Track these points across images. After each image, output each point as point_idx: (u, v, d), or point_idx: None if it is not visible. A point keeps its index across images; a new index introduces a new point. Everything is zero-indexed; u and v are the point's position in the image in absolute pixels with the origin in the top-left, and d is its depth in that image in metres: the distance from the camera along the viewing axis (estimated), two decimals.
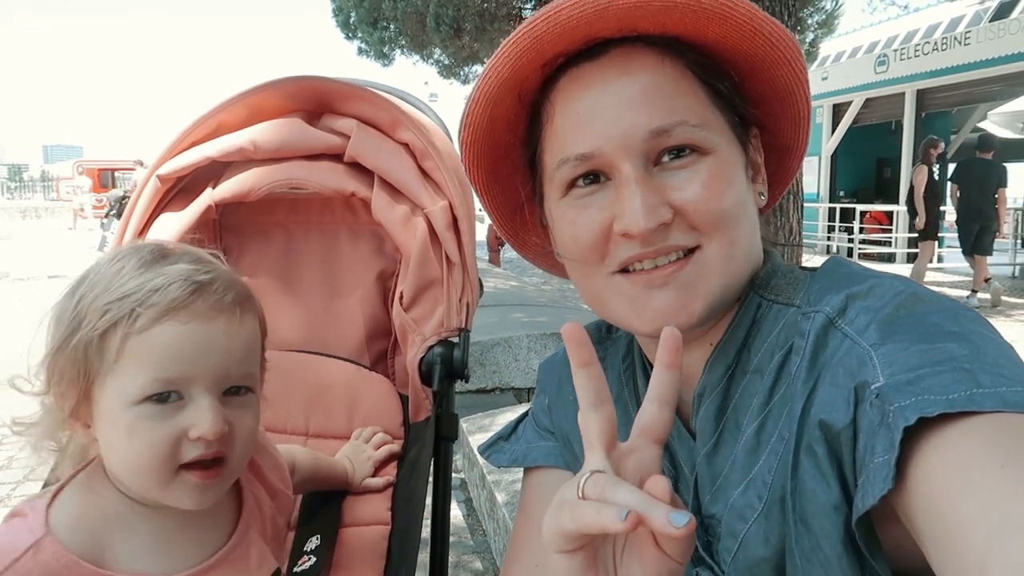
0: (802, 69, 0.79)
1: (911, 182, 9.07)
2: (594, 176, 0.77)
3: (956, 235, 9.37)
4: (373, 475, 1.30)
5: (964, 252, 9.28)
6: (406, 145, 1.39)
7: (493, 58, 0.76)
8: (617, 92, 0.74)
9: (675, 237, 0.74)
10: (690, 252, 0.75)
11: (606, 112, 0.74)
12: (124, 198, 24.19)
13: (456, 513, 3.50)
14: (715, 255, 0.75)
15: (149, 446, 0.81)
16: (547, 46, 0.74)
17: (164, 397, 0.82)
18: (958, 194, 9.04)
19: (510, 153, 0.89)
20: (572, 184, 0.78)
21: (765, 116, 0.84)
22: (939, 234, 9.64)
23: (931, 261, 9.68)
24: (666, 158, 0.74)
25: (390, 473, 1.31)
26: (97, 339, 0.81)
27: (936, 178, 9.09)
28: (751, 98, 0.82)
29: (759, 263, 0.83)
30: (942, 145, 9.44)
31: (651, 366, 0.90)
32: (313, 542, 1.21)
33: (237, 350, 0.88)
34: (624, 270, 0.78)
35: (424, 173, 1.38)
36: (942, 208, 9.44)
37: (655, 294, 0.76)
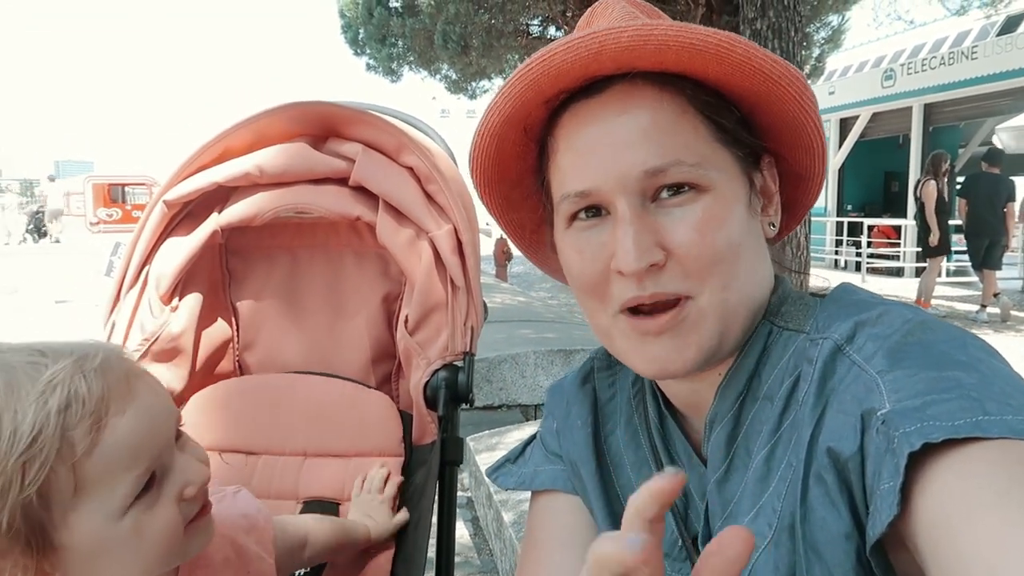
0: (809, 102, 0.78)
1: (919, 197, 9.01)
2: (596, 209, 0.78)
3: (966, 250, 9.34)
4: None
5: (973, 266, 9.24)
6: (411, 169, 1.39)
7: (495, 97, 0.78)
8: (615, 131, 0.75)
9: (667, 283, 0.75)
10: (683, 300, 0.76)
11: (603, 151, 0.75)
12: (38, 213, 24.15)
13: (462, 532, 3.48)
14: (708, 303, 0.75)
15: (164, 530, 0.78)
16: (545, 87, 0.76)
17: (148, 484, 0.78)
18: (966, 208, 9.01)
19: (523, 180, 0.90)
20: (575, 216, 0.79)
21: (778, 144, 0.83)
22: (950, 248, 9.58)
23: (940, 275, 9.63)
24: (664, 194, 0.75)
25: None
26: (35, 496, 0.70)
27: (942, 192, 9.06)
28: (762, 127, 0.82)
29: (765, 295, 0.83)
30: (948, 159, 9.43)
31: (660, 390, 0.90)
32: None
33: (167, 398, 0.83)
34: (627, 309, 0.78)
35: (429, 197, 1.39)
36: (950, 222, 9.39)
37: (651, 342, 0.77)
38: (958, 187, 10.01)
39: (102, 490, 0.74)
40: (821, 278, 0.94)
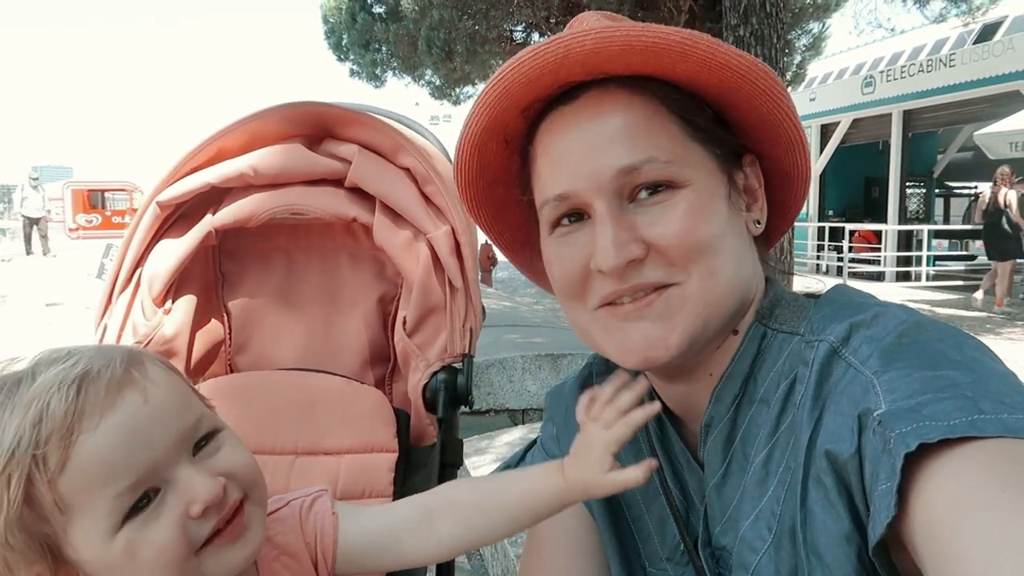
0: (781, 96, 0.77)
1: (1001, 204, 9.04)
2: (577, 215, 0.79)
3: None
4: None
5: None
6: (408, 170, 1.38)
7: (472, 108, 0.80)
8: (588, 135, 0.76)
9: (649, 274, 0.75)
10: (666, 287, 0.76)
11: (578, 154, 0.76)
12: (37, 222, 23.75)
13: None
14: (694, 288, 0.75)
15: (160, 554, 0.71)
16: (518, 96, 0.77)
17: (142, 502, 0.72)
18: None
19: (510, 192, 0.90)
20: (558, 222, 0.81)
21: (758, 143, 0.84)
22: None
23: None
24: (642, 195, 0.76)
25: (388, 498, 1.29)
26: (24, 510, 0.68)
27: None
28: (740, 126, 0.82)
29: (752, 292, 0.82)
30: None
31: (659, 397, 0.90)
32: None
33: (169, 407, 0.75)
34: (607, 303, 0.79)
35: (426, 198, 1.38)
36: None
37: (632, 328, 0.77)
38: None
39: (87, 508, 0.69)
40: (818, 280, 0.95)
